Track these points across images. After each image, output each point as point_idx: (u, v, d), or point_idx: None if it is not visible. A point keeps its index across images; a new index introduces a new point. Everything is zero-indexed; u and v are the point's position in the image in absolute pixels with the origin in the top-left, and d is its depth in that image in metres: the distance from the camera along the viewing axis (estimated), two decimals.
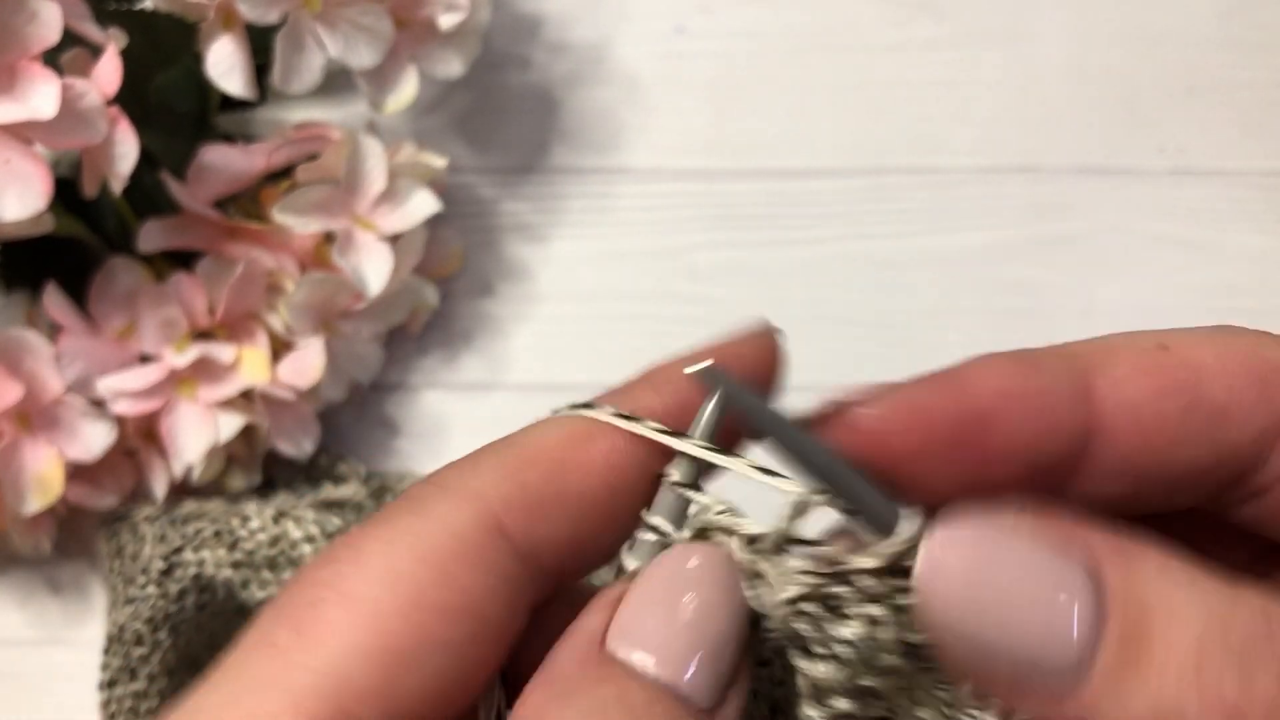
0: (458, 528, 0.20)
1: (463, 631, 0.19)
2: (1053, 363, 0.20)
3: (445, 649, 0.19)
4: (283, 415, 0.44)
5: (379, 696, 0.18)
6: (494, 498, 0.20)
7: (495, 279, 0.50)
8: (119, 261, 0.43)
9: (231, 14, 0.41)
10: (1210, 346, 0.20)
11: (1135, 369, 0.20)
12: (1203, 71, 0.52)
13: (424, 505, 0.20)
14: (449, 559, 0.19)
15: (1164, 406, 0.20)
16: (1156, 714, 0.16)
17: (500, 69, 0.53)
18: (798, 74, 0.52)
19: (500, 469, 0.21)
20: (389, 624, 0.19)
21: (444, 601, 0.19)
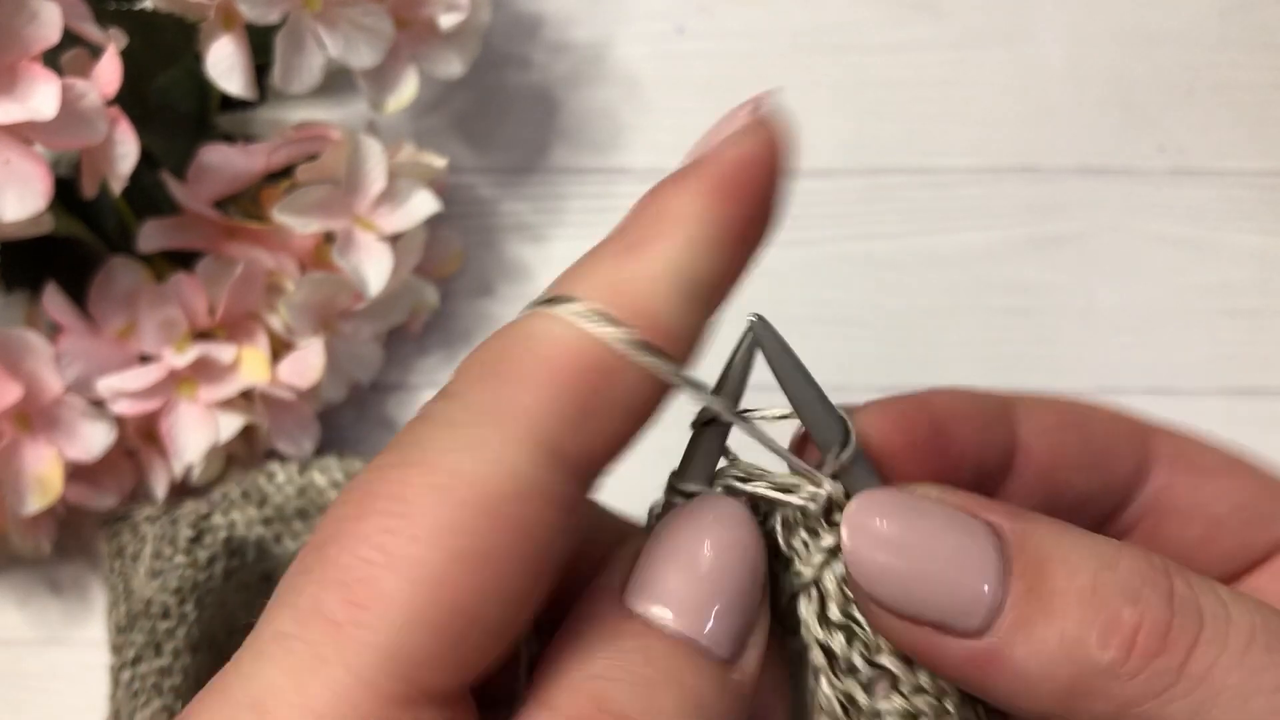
0: (514, 464, 0.18)
1: (526, 576, 0.18)
2: (986, 396, 0.24)
3: (508, 597, 0.18)
4: (283, 415, 0.44)
5: (443, 660, 0.17)
6: (547, 421, 0.18)
7: (495, 279, 0.50)
8: (119, 261, 0.43)
9: (232, 14, 0.41)
10: (1096, 408, 0.24)
11: (1042, 407, 0.24)
12: (1203, 71, 0.52)
13: (469, 438, 0.18)
14: (509, 502, 0.18)
15: (1064, 436, 0.24)
16: (1063, 645, 0.18)
17: (500, 69, 0.53)
18: (798, 74, 0.52)
19: (544, 384, 0.19)
20: (448, 586, 0.17)
21: (506, 550, 0.18)
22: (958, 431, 0.23)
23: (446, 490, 0.18)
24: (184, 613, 0.40)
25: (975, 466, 0.23)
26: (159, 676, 0.39)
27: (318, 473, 0.41)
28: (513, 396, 0.19)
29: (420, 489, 0.18)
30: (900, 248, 0.50)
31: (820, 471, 0.22)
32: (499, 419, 0.18)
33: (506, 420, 0.18)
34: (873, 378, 0.48)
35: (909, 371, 0.48)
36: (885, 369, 0.48)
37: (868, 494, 0.21)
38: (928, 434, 0.22)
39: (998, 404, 0.24)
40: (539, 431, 0.18)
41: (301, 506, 0.41)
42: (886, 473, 0.22)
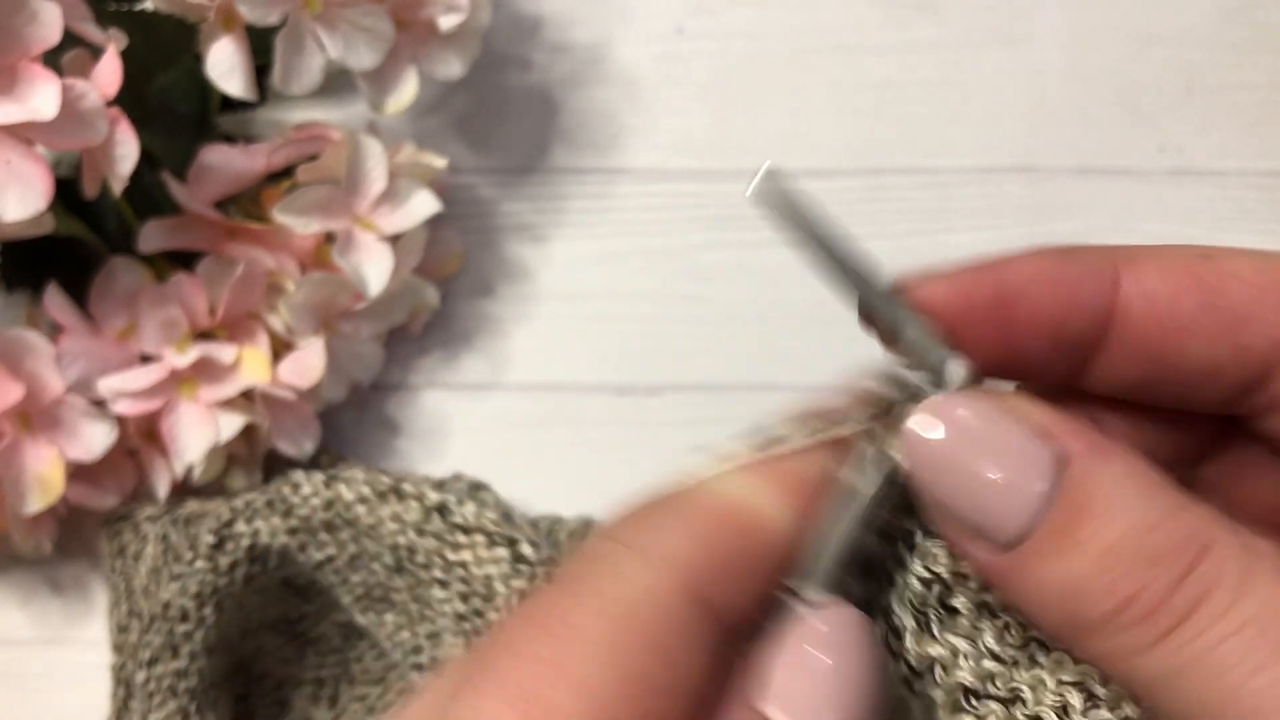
0: (664, 599, 0.19)
1: (678, 707, 0.19)
2: (1087, 255, 0.22)
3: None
4: (283, 415, 0.44)
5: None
6: (689, 564, 0.20)
7: (495, 279, 0.50)
8: (120, 262, 0.43)
9: (232, 15, 0.41)
10: (1250, 260, 0.22)
11: (1163, 267, 0.22)
12: (1203, 71, 0.52)
13: (624, 572, 0.20)
14: (662, 633, 0.19)
15: (1182, 301, 0.22)
16: (1064, 584, 0.19)
17: (500, 69, 0.53)
18: (798, 74, 0.52)
19: (689, 532, 0.20)
20: (616, 707, 0.18)
21: (662, 679, 0.19)
22: (1032, 297, 0.22)
23: (614, 619, 0.19)
24: (202, 616, 0.40)
25: (1052, 336, 0.22)
26: (175, 679, 0.39)
27: (344, 486, 0.41)
28: (662, 535, 0.20)
29: (590, 615, 0.19)
30: (900, 248, 0.50)
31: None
32: (654, 560, 0.20)
33: (660, 562, 0.20)
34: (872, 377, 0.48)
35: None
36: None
37: (947, 396, 0.21)
38: (989, 302, 0.22)
39: (1096, 263, 0.22)
40: (682, 574, 0.20)
41: (328, 520, 0.41)
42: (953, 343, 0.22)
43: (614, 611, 0.19)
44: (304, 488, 0.41)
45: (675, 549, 0.20)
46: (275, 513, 0.41)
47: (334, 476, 0.41)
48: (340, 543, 0.41)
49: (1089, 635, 0.19)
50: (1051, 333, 0.22)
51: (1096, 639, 0.19)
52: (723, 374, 0.48)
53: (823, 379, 0.24)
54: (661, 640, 0.19)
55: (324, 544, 0.41)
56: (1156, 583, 0.19)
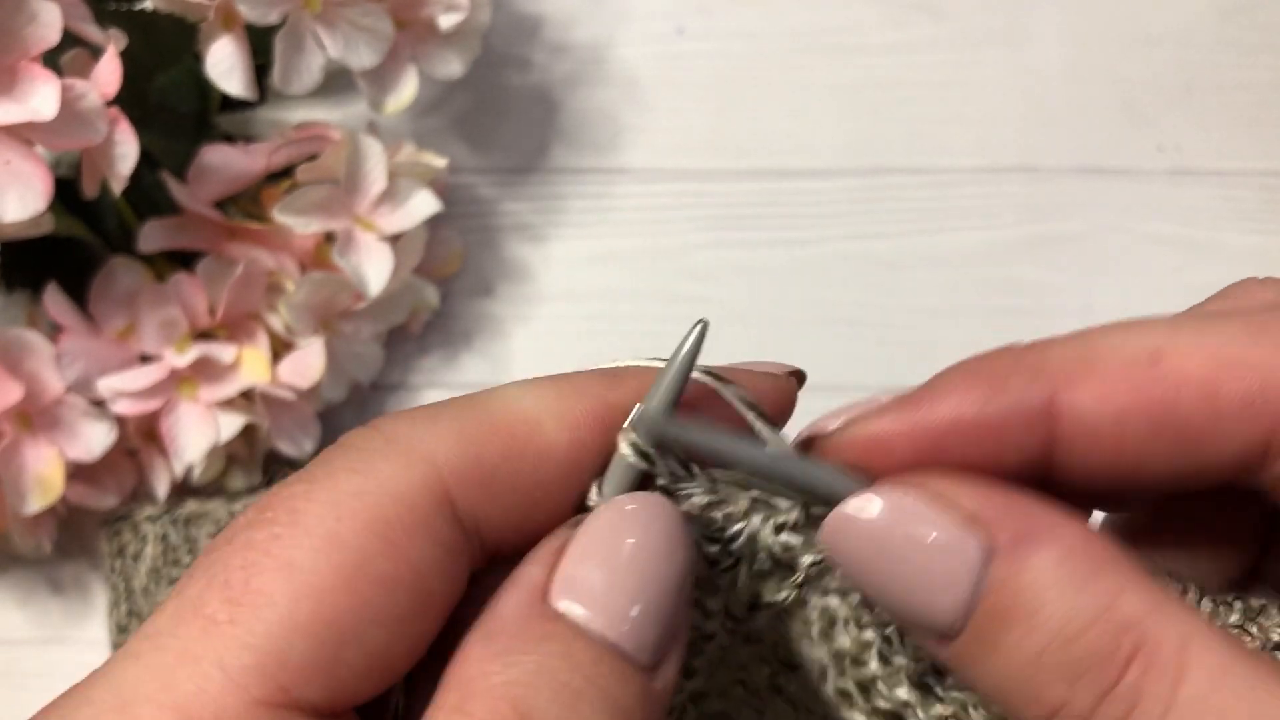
0: (406, 494, 0.19)
1: (407, 604, 0.18)
2: (1015, 383, 0.20)
3: (388, 622, 0.18)
4: (283, 415, 0.44)
5: (319, 672, 0.18)
6: (447, 465, 0.19)
7: (495, 279, 0.50)
8: (119, 262, 0.43)
9: (231, 14, 0.41)
10: (1202, 359, 0.19)
11: (1104, 387, 0.20)
12: (1202, 71, 0.52)
13: (370, 463, 0.19)
14: (395, 528, 0.18)
15: (1130, 426, 0.20)
16: (998, 692, 0.19)
17: (500, 69, 0.53)
18: (798, 74, 0.52)
19: (458, 434, 0.20)
20: (331, 597, 0.18)
21: (389, 573, 0.18)
22: (960, 444, 0.20)
23: (340, 506, 0.18)
24: None
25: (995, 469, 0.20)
26: None
27: None
28: (427, 438, 0.19)
29: (316, 502, 0.18)
30: (900, 248, 0.50)
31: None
32: (407, 454, 0.19)
33: (414, 457, 0.19)
34: (873, 378, 0.48)
35: (909, 372, 0.48)
36: (885, 369, 0.48)
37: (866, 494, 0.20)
38: (913, 454, 0.21)
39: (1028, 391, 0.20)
40: (435, 473, 0.19)
41: None
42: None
43: (342, 499, 0.18)
44: None
45: (434, 449, 0.19)
46: None
47: None
48: None
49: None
50: (989, 469, 0.20)
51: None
52: None
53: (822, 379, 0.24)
54: (393, 534, 0.18)
55: None
56: (1080, 698, 0.18)
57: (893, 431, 0.21)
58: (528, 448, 0.20)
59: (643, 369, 0.22)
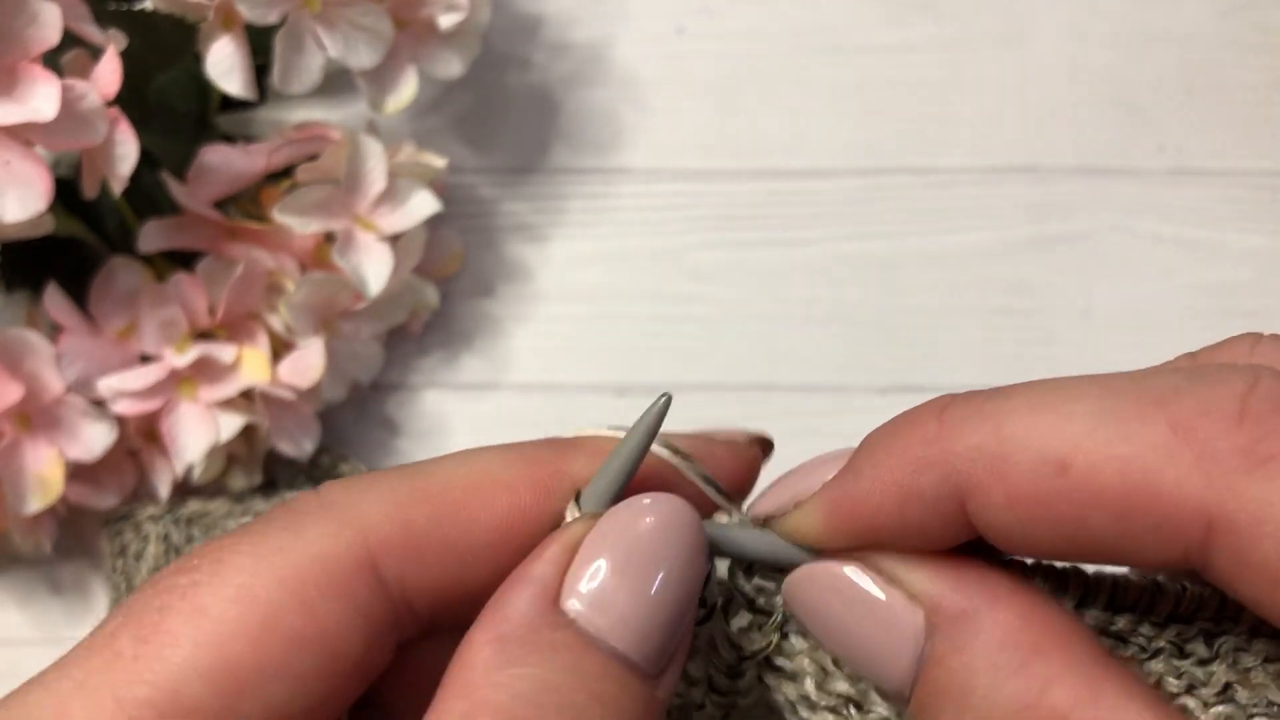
0: (327, 554, 0.19)
1: (312, 662, 0.19)
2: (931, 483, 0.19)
3: (291, 678, 0.18)
4: (283, 415, 0.44)
5: (214, 718, 0.18)
6: (373, 530, 0.19)
7: (495, 279, 0.50)
8: (119, 262, 0.43)
9: (231, 14, 0.41)
10: (1111, 473, 0.18)
11: (1015, 495, 0.18)
12: (1203, 71, 0.52)
13: (299, 522, 0.19)
14: (310, 585, 0.19)
15: (1041, 536, 0.19)
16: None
17: (500, 69, 0.53)
18: (798, 74, 0.52)
19: (390, 499, 0.20)
20: (234, 645, 0.18)
21: (296, 629, 0.19)
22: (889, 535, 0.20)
23: (260, 560, 0.19)
24: None
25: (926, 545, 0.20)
26: None
27: None
28: (360, 503, 0.20)
29: (237, 553, 0.19)
30: (900, 248, 0.50)
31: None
32: (338, 517, 0.19)
33: (343, 520, 0.19)
34: (873, 377, 0.48)
35: (909, 371, 0.48)
36: (885, 369, 0.48)
37: (806, 570, 0.20)
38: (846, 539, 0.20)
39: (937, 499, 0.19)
40: (360, 536, 0.19)
41: None
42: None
43: (263, 554, 0.19)
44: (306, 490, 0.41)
45: (365, 513, 0.20)
46: None
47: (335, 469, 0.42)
48: None
49: None
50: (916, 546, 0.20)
51: None
52: (722, 374, 0.48)
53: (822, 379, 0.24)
54: (306, 592, 0.19)
55: None
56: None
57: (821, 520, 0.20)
58: (459, 514, 0.20)
59: (601, 438, 0.22)
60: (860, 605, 0.20)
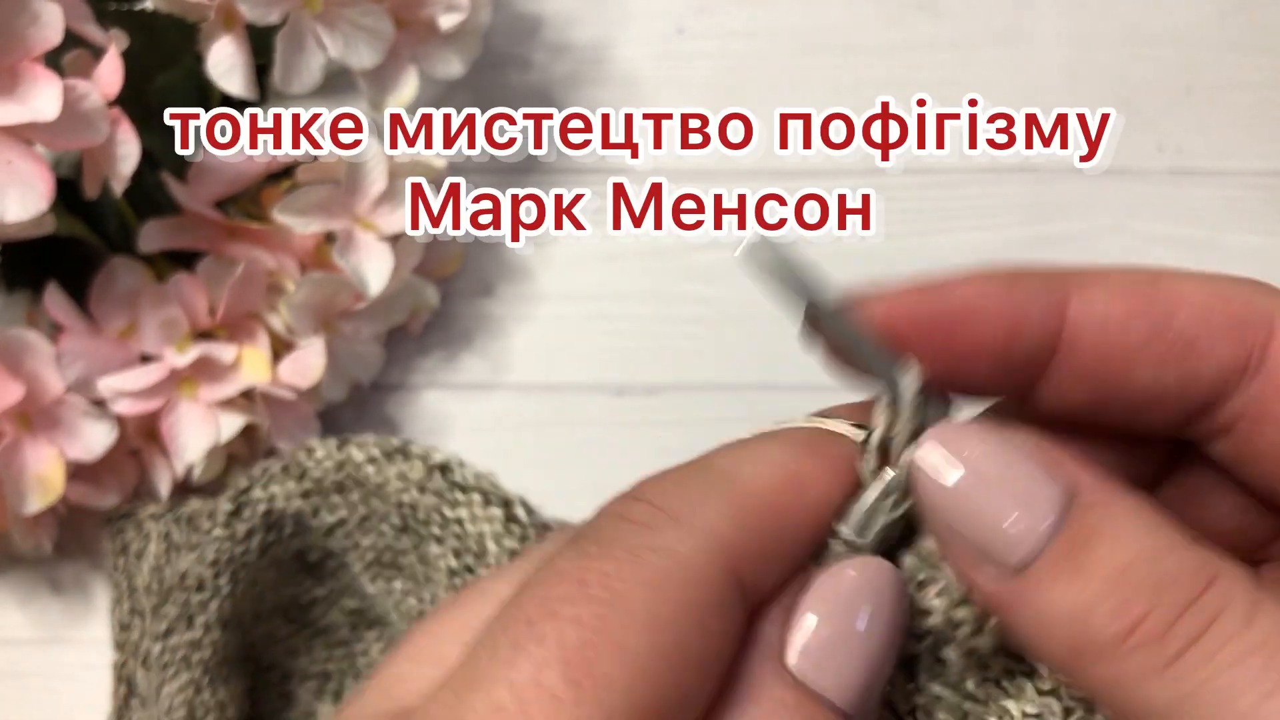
0: (705, 576, 0.19)
1: (712, 681, 0.19)
2: (1034, 279, 0.22)
3: (698, 700, 0.19)
4: (283, 415, 0.44)
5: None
6: (730, 543, 0.20)
7: (495, 279, 0.50)
8: (120, 262, 0.43)
9: (232, 14, 0.41)
10: (1198, 285, 0.22)
11: (1112, 291, 0.22)
12: (1202, 71, 0.52)
13: (663, 541, 0.19)
14: (704, 610, 0.19)
15: (1132, 326, 0.21)
16: (1075, 610, 0.19)
17: (500, 69, 0.53)
18: (798, 74, 0.52)
19: (729, 509, 0.20)
20: (660, 680, 0.18)
21: (702, 653, 0.19)
22: (975, 324, 0.22)
23: (655, 587, 0.19)
24: (218, 585, 0.40)
25: (995, 360, 0.22)
26: (189, 649, 0.40)
27: (355, 448, 0.42)
28: (703, 509, 0.20)
29: (631, 583, 0.19)
30: (900, 248, 0.50)
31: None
32: (697, 534, 0.19)
33: (703, 536, 0.19)
34: None
35: None
36: None
37: (954, 423, 0.21)
38: (943, 326, 0.22)
39: (1044, 288, 0.22)
40: (724, 551, 0.19)
41: (339, 481, 0.42)
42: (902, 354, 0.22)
43: (655, 580, 0.19)
44: (318, 451, 0.42)
45: (714, 523, 0.20)
46: (290, 477, 0.42)
47: (346, 439, 0.43)
48: (351, 504, 0.42)
49: (1094, 662, 0.19)
50: (994, 356, 0.22)
51: (1102, 665, 0.19)
52: (722, 374, 0.48)
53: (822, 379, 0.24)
54: (699, 614, 0.19)
55: (335, 506, 0.42)
56: (1164, 606, 0.19)
57: (916, 303, 0.22)
58: (787, 515, 0.21)
59: (843, 412, 0.23)
60: (1004, 469, 0.20)
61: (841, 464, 0.21)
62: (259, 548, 0.41)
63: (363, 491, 0.42)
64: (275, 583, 0.43)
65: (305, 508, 0.42)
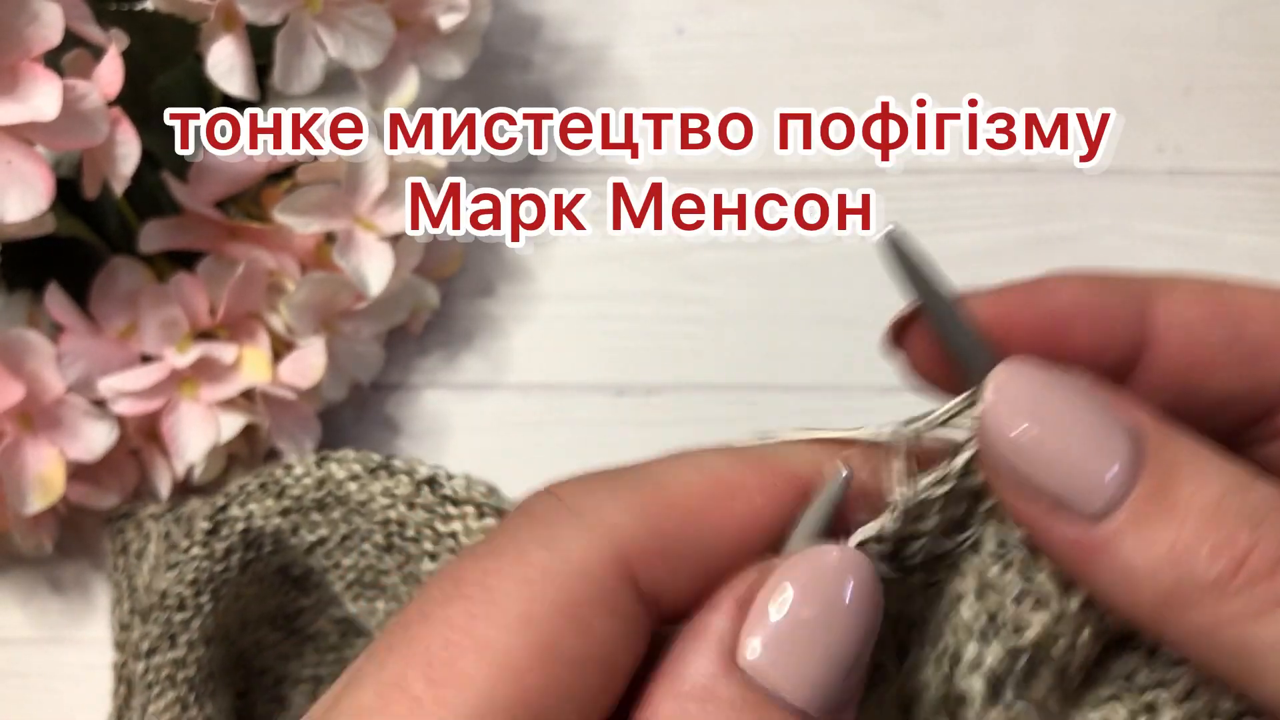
0: (591, 570, 0.19)
1: (595, 681, 0.19)
2: (1119, 284, 0.22)
3: (578, 699, 0.18)
4: (284, 415, 0.44)
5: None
6: (629, 540, 0.19)
7: (495, 279, 0.50)
8: (120, 262, 0.43)
9: (232, 14, 0.41)
10: (1263, 295, 0.22)
11: (1191, 297, 0.22)
12: (1202, 71, 0.52)
13: (555, 536, 0.19)
14: (582, 605, 0.19)
15: (1210, 333, 0.22)
16: (1173, 552, 0.18)
17: (500, 69, 0.53)
18: (798, 74, 0.52)
19: (638, 507, 0.20)
20: (525, 676, 0.18)
21: (579, 651, 0.18)
22: (1077, 325, 0.21)
23: (532, 584, 0.18)
24: (199, 604, 0.40)
25: (1093, 360, 0.21)
26: (173, 668, 0.39)
27: (336, 465, 0.41)
28: (610, 505, 0.20)
29: (508, 579, 0.19)
30: None
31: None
32: (592, 528, 0.19)
33: (598, 531, 0.19)
34: (873, 377, 0.48)
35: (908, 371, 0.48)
36: (885, 369, 0.48)
37: (1018, 360, 0.20)
38: (1044, 328, 0.21)
39: (1130, 293, 0.22)
40: (618, 546, 0.19)
41: (320, 499, 0.41)
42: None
43: (533, 576, 0.19)
44: (296, 468, 0.41)
45: (616, 520, 0.19)
46: (268, 494, 0.41)
47: (325, 457, 0.42)
48: (332, 523, 0.42)
49: (1191, 608, 0.18)
50: (1089, 359, 0.21)
51: (1200, 610, 0.18)
52: (722, 374, 0.48)
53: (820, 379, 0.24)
54: (581, 611, 0.18)
55: (316, 525, 0.42)
56: (1268, 540, 0.18)
57: (1024, 307, 0.22)
58: (703, 519, 0.20)
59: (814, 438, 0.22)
60: (1071, 405, 0.20)
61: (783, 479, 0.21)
62: (239, 565, 0.41)
63: (344, 509, 0.42)
64: (260, 595, 0.43)
65: (284, 525, 0.41)
